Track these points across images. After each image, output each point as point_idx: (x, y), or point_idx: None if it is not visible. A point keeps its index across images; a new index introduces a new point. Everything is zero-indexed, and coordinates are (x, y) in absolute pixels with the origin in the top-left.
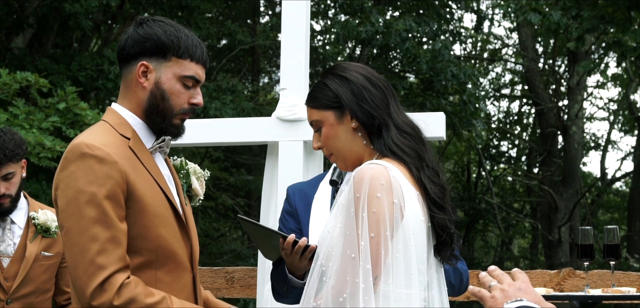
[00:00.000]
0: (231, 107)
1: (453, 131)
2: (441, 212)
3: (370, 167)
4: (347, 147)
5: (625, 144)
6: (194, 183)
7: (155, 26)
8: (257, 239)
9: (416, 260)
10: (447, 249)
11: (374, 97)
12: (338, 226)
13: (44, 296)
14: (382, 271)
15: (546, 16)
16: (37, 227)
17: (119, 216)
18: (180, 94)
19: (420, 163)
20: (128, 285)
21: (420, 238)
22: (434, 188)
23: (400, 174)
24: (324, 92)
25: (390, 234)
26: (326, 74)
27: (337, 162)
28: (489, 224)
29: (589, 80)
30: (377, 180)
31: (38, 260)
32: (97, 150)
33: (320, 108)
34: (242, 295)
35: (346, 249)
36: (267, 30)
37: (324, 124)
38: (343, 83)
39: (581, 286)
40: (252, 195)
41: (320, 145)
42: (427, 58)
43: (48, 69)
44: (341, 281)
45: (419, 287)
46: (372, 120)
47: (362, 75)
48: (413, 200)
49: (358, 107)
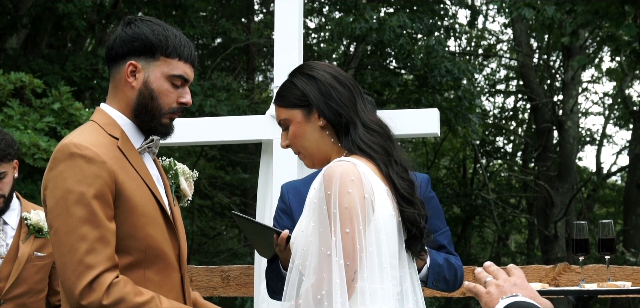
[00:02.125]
0: (226, 104)
1: (448, 127)
2: (410, 206)
3: (340, 164)
4: (314, 145)
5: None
6: (182, 183)
7: (144, 26)
8: (251, 236)
9: (388, 255)
10: (417, 244)
11: (341, 95)
12: (311, 224)
13: (37, 296)
14: (358, 266)
15: (540, 11)
16: (30, 227)
17: (108, 216)
18: (169, 93)
19: (389, 160)
20: (117, 285)
21: (391, 232)
22: (403, 183)
23: (368, 170)
24: (291, 90)
25: (363, 229)
26: (294, 73)
27: (304, 160)
28: (486, 220)
29: (584, 75)
30: (347, 176)
31: (31, 261)
32: (85, 149)
33: (287, 106)
34: (239, 294)
35: (321, 247)
36: (261, 28)
37: (291, 122)
38: (310, 82)
39: (577, 281)
40: (248, 193)
41: (288, 143)
42: (421, 54)
43: (42, 69)
44: (319, 279)
45: (392, 281)
46: (339, 118)
47: (330, 74)
48: (382, 195)
49: (325, 105)
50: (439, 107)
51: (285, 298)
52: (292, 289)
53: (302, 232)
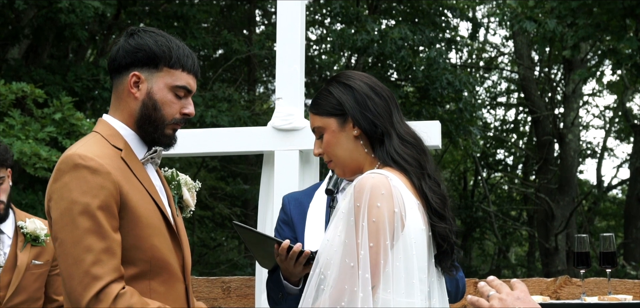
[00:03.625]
0: (227, 115)
1: (449, 139)
2: (442, 221)
3: (371, 177)
4: (347, 155)
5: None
6: (185, 194)
7: (147, 37)
8: (252, 246)
9: (417, 269)
10: (448, 259)
11: (377, 106)
12: (338, 235)
13: (36, 304)
14: (382, 280)
15: (541, 24)
16: (26, 236)
17: (113, 227)
18: (172, 103)
19: (422, 173)
20: (124, 296)
21: (421, 247)
22: (435, 198)
23: (401, 183)
24: (327, 99)
25: (390, 243)
26: (330, 81)
27: (335, 169)
28: (486, 232)
29: (585, 88)
30: (377, 189)
31: (29, 269)
32: (90, 160)
33: (323, 114)
34: (239, 305)
35: (345, 258)
36: (262, 39)
37: (326, 130)
38: (346, 91)
39: (577, 294)
40: (249, 204)
41: (322, 151)
42: (422, 66)
43: (44, 79)
44: (339, 290)
45: (421, 296)
46: (374, 129)
47: (366, 84)
48: (414, 209)
49: (361, 115)
50: (440, 119)
51: (302, 303)
52: (309, 296)
53: (328, 241)
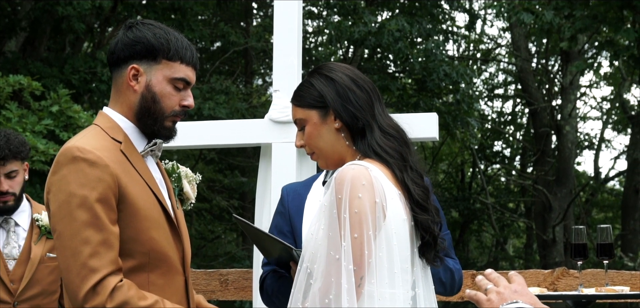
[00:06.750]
0: (224, 107)
1: (447, 131)
2: (424, 213)
3: (351, 168)
4: (329, 147)
5: (619, 143)
6: (185, 186)
7: (145, 29)
8: (252, 238)
9: (400, 259)
10: (431, 251)
11: (359, 98)
12: (322, 228)
13: (51, 298)
14: (366, 271)
15: (539, 16)
16: (41, 228)
17: (111, 219)
18: (171, 96)
19: (404, 165)
20: (121, 288)
21: (403, 237)
22: (417, 189)
23: (381, 174)
24: (309, 91)
25: (373, 234)
26: (312, 73)
27: (318, 161)
28: (484, 224)
29: (582, 80)
30: (358, 180)
31: (43, 262)
32: (88, 153)
33: (304, 106)
34: (237, 297)
35: (330, 251)
36: (260, 32)
37: (307, 122)
38: (328, 83)
39: (575, 285)
40: (247, 197)
41: (303, 143)
42: (419, 58)
43: (41, 72)
44: (327, 283)
45: (404, 285)
46: (355, 121)
47: (348, 76)
48: (395, 200)
49: (342, 107)
50: (438, 111)
51: (292, 300)
52: (298, 292)
53: (312, 235)
